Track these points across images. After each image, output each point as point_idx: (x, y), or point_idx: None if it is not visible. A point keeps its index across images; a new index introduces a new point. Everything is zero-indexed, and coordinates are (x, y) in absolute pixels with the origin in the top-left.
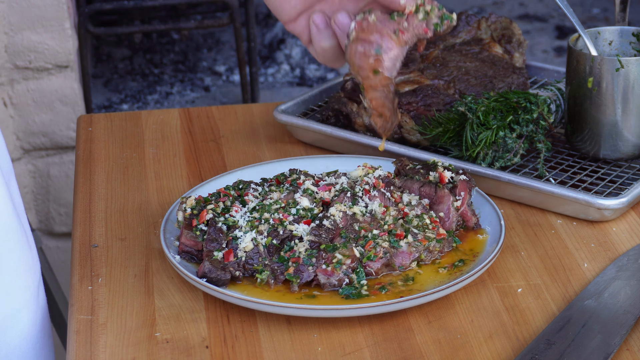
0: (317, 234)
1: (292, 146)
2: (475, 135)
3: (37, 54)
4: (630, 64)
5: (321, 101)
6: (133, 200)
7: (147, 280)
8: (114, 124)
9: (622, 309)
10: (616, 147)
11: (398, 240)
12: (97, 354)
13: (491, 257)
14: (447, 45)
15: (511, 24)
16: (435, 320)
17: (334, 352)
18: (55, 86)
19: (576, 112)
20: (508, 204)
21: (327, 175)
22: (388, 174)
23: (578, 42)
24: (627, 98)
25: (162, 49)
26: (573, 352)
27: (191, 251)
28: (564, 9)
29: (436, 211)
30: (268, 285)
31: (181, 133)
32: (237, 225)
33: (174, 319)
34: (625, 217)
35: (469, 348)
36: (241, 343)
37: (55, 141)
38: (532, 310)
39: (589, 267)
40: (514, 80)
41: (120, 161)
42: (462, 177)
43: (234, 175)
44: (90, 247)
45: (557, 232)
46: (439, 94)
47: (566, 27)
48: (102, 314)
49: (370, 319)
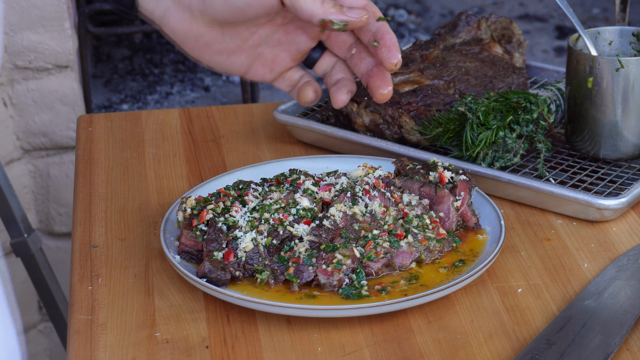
0: (317, 234)
1: (292, 146)
2: (475, 135)
3: (37, 54)
4: (630, 64)
5: (321, 101)
6: (133, 200)
7: (147, 280)
8: (114, 124)
9: (622, 309)
10: (616, 147)
11: (398, 241)
12: (97, 354)
13: (491, 257)
14: (447, 45)
15: (511, 24)
16: (435, 320)
17: (334, 352)
18: (55, 86)
19: (576, 112)
20: (508, 204)
21: (327, 175)
22: (388, 174)
23: (578, 42)
24: (627, 98)
25: (162, 49)
26: (573, 352)
27: (191, 251)
28: (564, 9)
29: (436, 211)
30: (268, 285)
31: (181, 133)
32: (237, 225)
33: (174, 319)
34: (625, 217)
35: (469, 348)
36: (241, 343)
37: (55, 141)
38: (532, 310)
39: (589, 267)
40: (514, 80)
41: (120, 161)
42: (462, 177)
43: (234, 175)
44: (90, 247)
45: (557, 232)
46: (439, 94)
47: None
48: (102, 314)
49: (370, 319)
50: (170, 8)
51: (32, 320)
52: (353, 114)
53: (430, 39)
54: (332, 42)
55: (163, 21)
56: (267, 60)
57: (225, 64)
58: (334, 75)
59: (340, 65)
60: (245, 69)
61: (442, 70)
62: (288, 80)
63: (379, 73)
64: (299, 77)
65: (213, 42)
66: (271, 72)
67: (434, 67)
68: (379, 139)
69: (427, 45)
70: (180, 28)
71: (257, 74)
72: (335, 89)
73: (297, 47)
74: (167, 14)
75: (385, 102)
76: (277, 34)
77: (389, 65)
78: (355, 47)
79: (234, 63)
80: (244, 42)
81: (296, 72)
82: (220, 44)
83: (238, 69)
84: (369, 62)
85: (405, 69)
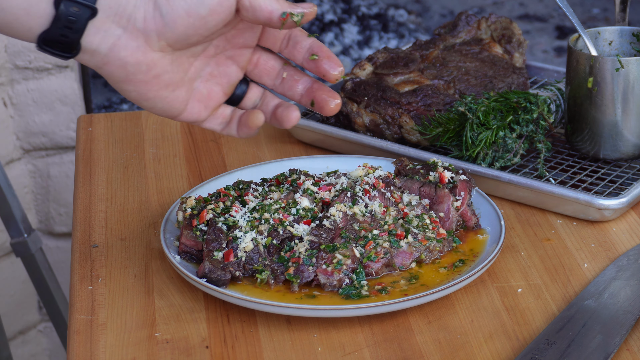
0: (317, 234)
1: (292, 146)
2: (475, 135)
3: (37, 54)
4: (630, 64)
5: None
6: (133, 200)
7: (147, 280)
8: (114, 124)
9: (622, 309)
10: (616, 147)
11: (398, 241)
12: (97, 354)
13: (491, 257)
14: (447, 45)
15: (511, 24)
16: (435, 320)
17: (334, 352)
18: (55, 86)
19: (576, 112)
20: (508, 204)
21: (327, 175)
22: (388, 174)
23: (578, 42)
24: (627, 98)
25: None
26: (573, 352)
27: (191, 251)
28: (564, 9)
29: (436, 211)
30: (268, 285)
31: (181, 133)
32: (237, 225)
33: (174, 319)
34: (625, 217)
35: (469, 348)
36: (241, 343)
37: (55, 141)
38: (532, 310)
39: (589, 267)
40: (514, 80)
41: (120, 161)
42: (462, 177)
43: (234, 175)
44: (90, 247)
45: (557, 232)
46: (439, 94)
47: (566, 27)
48: (102, 314)
49: (370, 319)
50: (120, 38)
51: (32, 320)
52: (353, 114)
53: (430, 39)
54: (259, 71)
55: (110, 55)
56: (202, 95)
57: (168, 99)
58: (269, 103)
59: (269, 95)
60: (184, 105)
61: (442, 70)
62: (220, 117)
63: (322, 87)
64: (231, 112)
65: (163, 72)
66: (206, 109)
67: (434, 67)
68: (379, 139)
69: (427, 45)
70: (133, 59)
71: (193, 112)
72: (282, 109)
73: (228, 79)
74: (116, 46)
75: (385, 102)
76: (209, 66)
77: (332, 76)
78: (286, 70)
79: (176, 99)
80: (185, 73)
81: (227, 108)
82: (169, 75)
83: (178, 105)
84: (305, 81)
85: (405, 69)
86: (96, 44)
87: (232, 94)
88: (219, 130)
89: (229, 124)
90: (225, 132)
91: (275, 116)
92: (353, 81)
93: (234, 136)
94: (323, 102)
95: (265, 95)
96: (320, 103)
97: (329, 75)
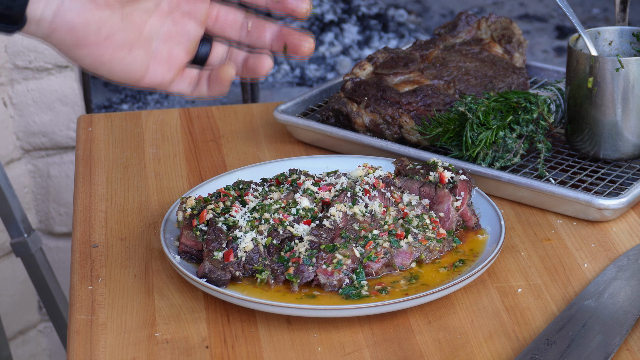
0: (317, 234)
1: (292, 146)
2: (475, 135)
3: (37, 54)
4: (630, 64)
5: (321, 101)
6: (133, 200)
7: (147, 280)
8: (114, 124)
9: (622, 309)
10: (616, 147)
11: (398, 241)
12: (97, 354)
13: (491, 257)
14: (447, 45)
15: (511, 24)
16: (435, 320)
17: (334, 352)
18: (55, 86)
19: (576, 112)
20: (508, 204)
21: (327, 175)
22: (388, 174)
23: (578, 42)
24: (627, 98)
25: None
26: (573, 352)
27: (191, 251)
28: (564, 9)
29: (436, 211)
30: (268, 285)
31: (181, 133)
32: (237, 225)
33: (174, 319)
34: (625, 217)
35: (469, 348)
36: (241, 343)
37: (55, 141)
38: (532, 310)
39: (589, 267)
40: (514, 80)
41: (120, 161)
42: (462, 177)
43: (234, 175)
44: (90, 247)
45: (557, 232)
46: (439, 94)
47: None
48: (102, 314)
49: (370, 319)
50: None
51: (32, 320)
52: (353, 114)
53: (430, 39)
54: (221, 25)
55: (56, 21)
56: (163, 57)
57: (126, 61)
58: (238, 56)
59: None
60: (144, 68)
61: (442, 70)
62: (187, 78)
63: (292, 31)
64: (198, 73)
65: (115, 31)
66: (169, 70)
67: (434, 67)
68: (379, 139)
69: (427, 45)
70: (80, 20)
71: (156, 75)
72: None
73: (187, 37)
74: (61, 10)
75: (385, 102)
76: (165, 25)
77: (301, 11)
78: (250, 20)
79: (134, 60)
80: (140, 32)
81: (193, 69)
82: (122, 34)
83: (138, 68)
84: (273, 28)
85: (405, 69)
86: (40, 11)
87: (195, 53)
88: (189, 93)
89: (198, 84)
90: (196, 94)
91: (247, 67)
92: (353, 81)
93: (204, 96)
94: (296, 45)
95: (232, 51)
96: (293, 47)
97: (298, 10)
